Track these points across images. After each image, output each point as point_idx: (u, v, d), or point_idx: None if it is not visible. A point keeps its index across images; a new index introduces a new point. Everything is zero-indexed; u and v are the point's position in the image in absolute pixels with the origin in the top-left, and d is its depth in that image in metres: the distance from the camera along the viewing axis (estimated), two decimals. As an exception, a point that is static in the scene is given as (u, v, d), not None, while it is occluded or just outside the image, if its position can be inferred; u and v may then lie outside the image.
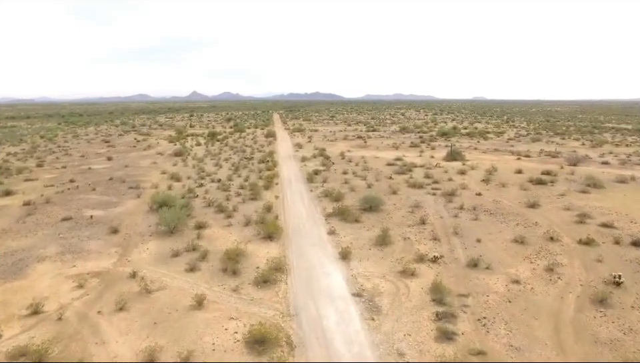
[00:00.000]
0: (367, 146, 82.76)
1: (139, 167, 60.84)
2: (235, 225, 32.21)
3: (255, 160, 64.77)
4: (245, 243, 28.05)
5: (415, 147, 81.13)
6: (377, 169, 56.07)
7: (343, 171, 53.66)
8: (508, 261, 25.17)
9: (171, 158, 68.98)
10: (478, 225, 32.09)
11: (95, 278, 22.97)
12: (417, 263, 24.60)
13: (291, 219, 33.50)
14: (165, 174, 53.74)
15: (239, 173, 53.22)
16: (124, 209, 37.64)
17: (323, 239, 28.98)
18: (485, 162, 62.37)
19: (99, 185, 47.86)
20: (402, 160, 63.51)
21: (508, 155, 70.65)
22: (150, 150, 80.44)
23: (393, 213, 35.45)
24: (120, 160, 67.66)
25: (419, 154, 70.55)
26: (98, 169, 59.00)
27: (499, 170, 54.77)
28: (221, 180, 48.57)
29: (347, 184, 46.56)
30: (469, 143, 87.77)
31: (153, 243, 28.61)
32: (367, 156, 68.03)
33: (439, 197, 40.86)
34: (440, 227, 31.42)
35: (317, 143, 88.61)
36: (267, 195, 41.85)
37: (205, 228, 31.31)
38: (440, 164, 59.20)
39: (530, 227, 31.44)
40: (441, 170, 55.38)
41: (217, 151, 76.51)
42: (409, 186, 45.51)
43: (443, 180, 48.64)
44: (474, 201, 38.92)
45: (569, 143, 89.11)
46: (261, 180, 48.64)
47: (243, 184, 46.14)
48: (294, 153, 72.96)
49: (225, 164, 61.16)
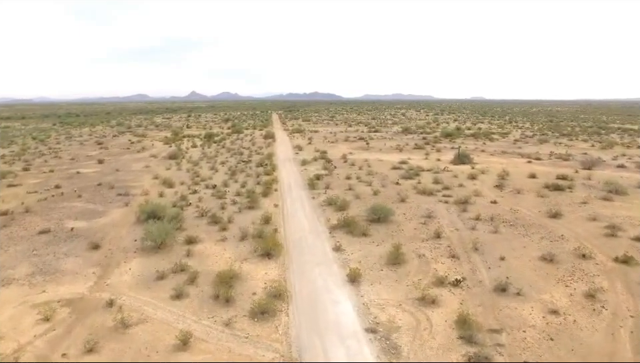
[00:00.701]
0: (369, 148, 79.64)
1: (130, 171, 57.66)
2: (230, 239, 29.07)
3: (253, 163, 61.65)
4: (241, 262, 24.94)
5: (420, 149, 78.06)
6: (382, 174, 52.97)
7: (346, 176, 50.52)
8: (540, 284, 22.09)
9: (164, 161, 65.82)
10: (498, 239, 29.01)
11: (66, 307, 19.81)
12: (437, 288, 21.51)
13: (292, 233, 30.37)
14: (157, 179, 50.58)
15: (235, 178, 50.08)
16: (109, 219, 34.48)
17: (327, 256, 25.85)
18: (494, 165, 59.32)
19: (86, 192, 44.69)
20: (407, 163, 60.43)
21: (517, 158, 67.62)
22: (144, 152, 77.27)
23: (404, 224, 32.34)
24: (111, 163, 64.46)
25: (425, 157, 67.47)
26: (87, 174, 55.80)
27: (511, 174, 51.74)
28: (216, 186, 45.43)
29: (351, 191, 43.45)
30: (475, 145, 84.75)
31: (137, 261, 25.46)
32: (370, 159, 64.94)
33: (451, 205, 37.78)
34: (457, 242, 28.33)
35: (318, 144, 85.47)
36: (266, 203, 38.74)
37: (196, 243, 28.17)
38: (448, 168, 56.13)
39: (556, 242, 28.37)
40: (450, 174, 52.31)
41: (213, 153, 73.36)
42: (417, 193, 42.43)
43: (454, 186, 45.58)
44: (490, 211, 35.85)
45: (577, 145, 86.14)
46: (259, 186, 45.55)
47: (240, 191, 43.04)
48: (294, 156, 69.82)
49: (221, 168, 58.01)
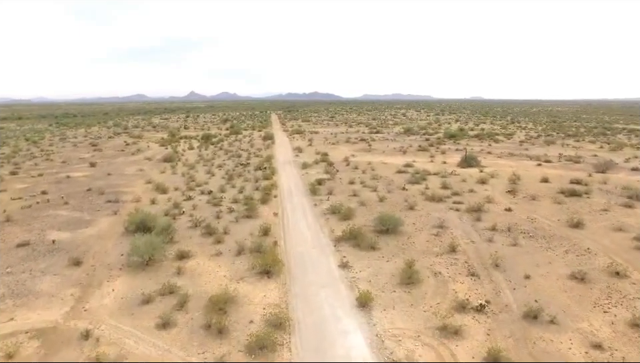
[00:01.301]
0: (371, 150, 77.10)
1: (122, 175, 55.06)
2: (226, 253, 26.52)
3: (251, 167, 59.09)
4: (237, 282, 22.40)
5: (424, 151, 75.51)
6: (387, 178, 50.43)
7: (350, 181, 47.96)
8: (574, 309, 19.58)
9: (159, 164, 63.22)
10: (519, 253, 26.50)
11: (35, 340, 17.26)
12: (459, 314, 19.00)
13: (293, 246, 27.82)
14: (150, 184, 48.01)
15: (232, 183, 47.50)
16: (95, 230, 31.90)
17: (333, 275, 23.30)
18: (503, 168, 56.82)
19: (74, 198, 42.10)
20: (413, 166, 57.91)
21: (526, 160, 65.12)
22: (138, 155, 74.65)
23: (415, 235, 29.82)
24: (103, 166, 61.85)
25: (430, 159, 64.93)
26: (77, 178, 53.20)
27: (522, 178, 49.19)
28: (212, 192, 42.85)
29: (355, 197, 40.92)
30: (480, 146, 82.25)
31: (122, 280, 22.90)
32: (373, 162, 62.39)
33: (463, 213, 35.26)
34: (475, 257, 25.82)
35: (318, 146, 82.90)
36: (264, 211, 36.18)
37: (188, 258, 25.62)
38: (456, 171, 53.62)
39: (583, 256, 25.87)
40: (458, 179, 49.80)
41: (210, 155, 70.76)
42: (426, 199, 39.89)
43: (463, 191, 43.07)
44: (506, 219, 33.33)
45: (585, 146, 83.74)
46: (258, 191, 43.00)
47: (237, 197, 40.46)
48: (294, 159, 67.27)
49: (217, 172, 55.42)
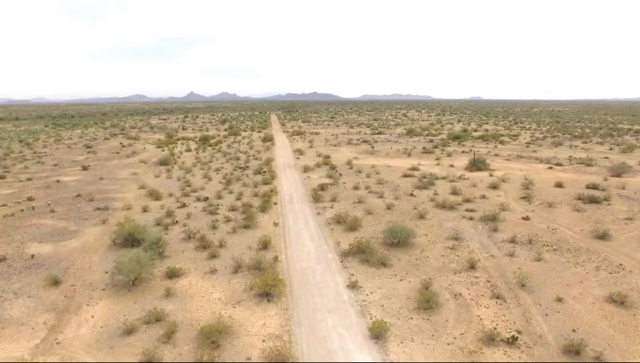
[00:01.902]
0: (375, 152, 74.59)
1: (115, 179, 52.50)
2: (221, 271, 23.99)
3: (250, 170, 56.57)
4: (233, 306, 19.89)
5: (429, 153, 73.00)
6: (393, 183, 47.91)
7: (354, 186, 45.41)
8: (620, 342, 17.07)
9: (154, 168, 60.68)
10: (546, 269, 24.00)
11: (-6, 384, 14.79)
12: (487, 347, 16.50)
13: (295, 262, 25.29)
14: (143, 189, 45.46)
15: (230, 188, 44.98)
16: (80, 242, 29.37)
17: (341, 298, 20.76)
18: (514, 172, 54.34)
19: (61, 205, 39.58)
20: (419, 170, 55.43)
21: (535, 163, 62.64)
22: (133, 157, 72.10)
23: (428, 249, 27.31)
24: (96, 170, 59.30)
25: (436, 162, 62.42)
26: (67, 182, 50.66)
27: (535, 183, 46.68)
28: (208, 198, 40.30)
29: (361, 204, 38.40)
30: (487, 148, 79.81)
31: (104, 304, 20.37)
32: (377, 165, 59.88)
33: (478, 223, 32.74)
34: (497, 275, 23.31)
35: (320, 148, 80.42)
36: (264, 220, 33.64)
37: (179, 277, 23.09)
38: (465, 175, 51.10)
39: (617, 274, 23.37)
40: (468, 183, 47.30)
41: (207, 158, 68.22)
42: (437, 206, 37.38)
43: (475, 197, 40.56)
44: (524, 230, 30.84)
45: (594, 148, 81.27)
46: (257, 198, 40.50)
47: (235, 204, 37.92)
48: (294, 161, 64.75)
49: (215, 176, 52.88)
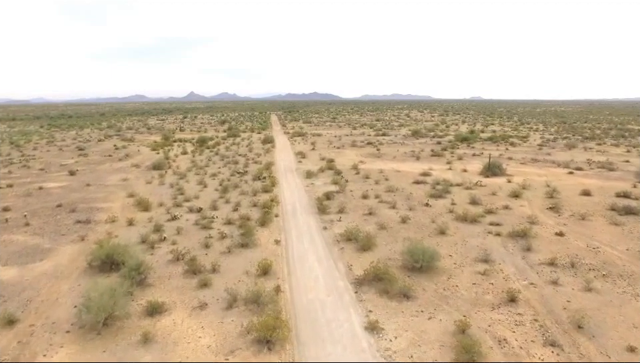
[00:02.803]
0: (381, 155, 70.67)
1: (103, 186, 48.60)
2: (212, 305, 20.08)
3: (249, 175, 52.66)
4: (226, 356, 16.01)
5: (438, 156, 69.07)
6: (405, 190, 43.99)
7: (363, 194, 41.45)
8: None
9: (147, 172, 56.76)
10: (600, 303, 20.09)
11: None
12: (556, 425, 12.63)
13: (301, 292, 21.34)
14: (132, 198, 41.55)
15: (227, 197, 41.05)
16: (52, 264, 25.47)
17: (359, 345, 16.81)
18: (532, 178, 50.43)
19: (39, 216, 35.69)
20: (431, 175, 51.54)
21: (553, 167, 58.71)
22: (126, 161, 68.20)
23: (455, 274, 23.39)
24: (84, 175, 55.39)
25: (448, 167, 58.47)
26: (50, 189, 46.78)
27: (558, 191, 42.69)
28: (202, 209, 36.34)
29: (372, 216, 34.49)
30: (497, 150, 75.91)
31: (64, 354, 16.41)
32: (385, 170, 55.95)
33: (507, 240, 28.85)
34: (544, 311, 19.40)
35: (322, 150, 76.50)
36: (264, 237, 29.72)
37: (161, 313, 19.19)
38: (481, 182, 47.15)
39: (688, 309, 19.49)
40: (486, 191, 43.39)
41: (204, 162, 64.30)
42: (457, 219, 33.44)
43: (497, 208, 36.64)
44: (562, 249, 26.95)
45: (610, 151, 77.37)
46: (256, 209, 36.62)
47: (231, 217, 33.96)
48: (296, 165, 60.85)
49: (211, 182, 48.94)
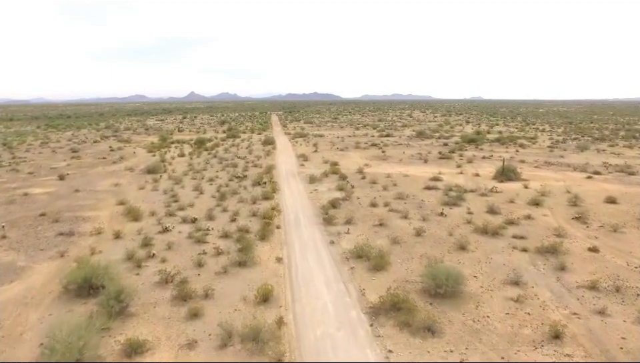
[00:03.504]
0: (387, 158, 67.61)
1: (93, 191, 45.61)
2: (203, 343, 17.03)
3: (249, 180, 49.64)
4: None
5: (447, 159, 66.00)
6: (416, 197, 40.92)
7: (371, 202, 38.36)
8: None
9: (141, 177, 53.73)
10: (660, 339, 17.07)
11: None
12: None
13: (308, 326, 18.25)
14: (122, 206, 38.54)
15: (224, 205, 37.98)
16: (23, 287, 22.42)
17: (380, 401, 13.87)
18: (550, 183, 47.42)
19: (18, 227, 32.67)
20: (441, 180, 48.50)
21: (569, 171, 55.64)
22: (120, 163, 65.19)
23: (484, 301, 20.33)
24: (74, 179, 52.37)
25: (459, 170, 55.37)
26: (36, 196, 43.79)
27: (580, 197, 39.61)
28: (196, 220, 33.27)
29: (382, 227, 31.43)
30: (507, 152, 72.85)
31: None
32: (392, 174, 52.88)
33: (535, 256, 25.79)
34: (597, 351, 16.30)
35: (325, 153, 73.48)
36: (264, 253, 26.68)
37: (142, 354, 16.16)
38: (496, 187, 44.08)
39: None
40: (503, 198, 40.34)
41: (201, 165, 61.27)
42: (476, 232, 30.37)
43: (518, 218, 33.56)
44: (599, 268, 23.90)
45: (624, 153, 74.32)
46: (255, 218, 33.61)
47: (228, 228, 30.88)
48: (298, 169, 57.85)
49: (207, 188, 45.89)
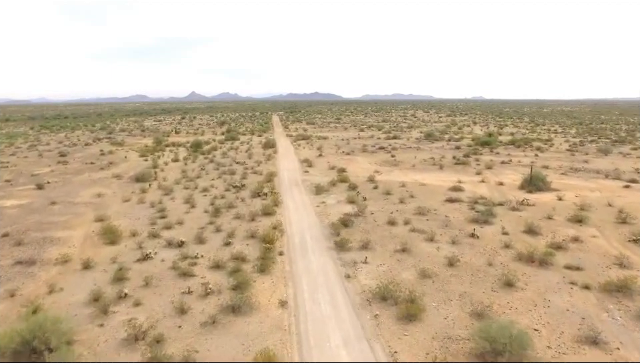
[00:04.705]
0: (398, 163, 62.36)
1: (71, 204, 40.47)
2: None
3: (247, 190, 44.48)
4: None
5: (463, 164, 60.71)
6: (438, 212, 35.65)
7: (388, 219, 33.04)
8: None
9: (128, 186, 48.55)
10: None
11: None
12: None
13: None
14: (101, 222, 33.41)
15: (218, 223, 32.69)
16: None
17: None
18: (584, 193, 42.25)
19: (-26, 253, 27.58)
20: (463, 190, 43.35)
21: (601, 179, 50.37)
22: (108, 169, 60.02)
23: (559, 373, 15.21)
24: (54, 189, 47.23)
25: (480, 179, 49.99)
26: (6, 209, 38.64)
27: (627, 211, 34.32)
28: (183, 244, 28.06)
29: (406, 254, 26.23)
30: (526, 157, 67.68)
31: None
32: (407, 182, 47.64)
33: (603, 297, 20.57)
34: None
35: (330, 157, 68.28)
36: (264, 293, 21.46)
37: None
38: (528, 200, 38.78)
39: None
40: (538, 212, 35.09)
41: (196, 172, 56.07)
42: (519, 260, 25.13)
43: (564, 240, 28.27)
44: (691, 315, 18.76)
45: (651, 156, 69.13)
46: (253, 241, 28.45)
47: (221, 256, 25.69)
48: (302, 176, 52.64)
49: (201, 200, 40.68)
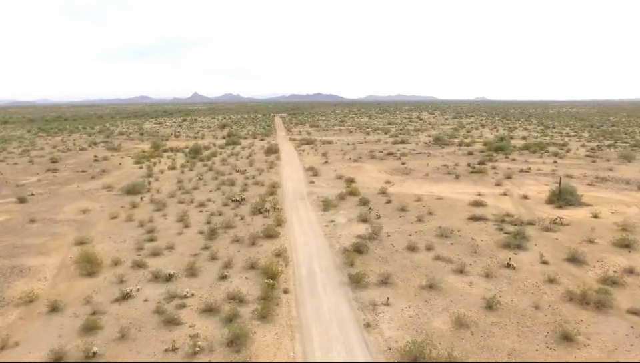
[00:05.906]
0: (409, 172, 58.20)
1: (52, 222, 36.52)
2: None
3: (248, 204, 40.49)
4: None
5: (479, 173, 56.52)
6: (463, 234, 31.43)
7: (408, 244, 28.84)
8: None
9: (118, 198, 44.62)
10: None
11: None
12: None
13: None
14: (81, 246, 29.46)
15: (213, 249, 28.65)
16: None
17: None
18: (620, 208, 38.13)
19: None
20: (485, 205, 39.19)
21: (634, 191, 46.18)
22: (99, 179, 56.07)
23: None
24: (36, 203, 43.31)
25: (501, 190, 45.83)
26: (-21, 229, 34.83)
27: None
28: (172, 277, 24.04)
29: (433, 292, 22.12)
30: (545, 164, 63.49)
31: None
32: (423, 196, 43.51)
33: (689, 358, 16.56)
34: None
35: (337, 164, 64.26)
36: (265, 352, 17.40)
37: None
38: (561, 219, 34.55)
39: None
40: (575, 234, 30.90)
41: (193, 182, 52.10)
42: (570, 300, 20.96)
43: (615, 272, 24.19)
44: None
45: (678, 163, 64.82)
46: (253, 272, 24.43)
47: (215, 296, 21.68)
48: (308, 188, 48.60)
49: (196, 217, 36.65)
